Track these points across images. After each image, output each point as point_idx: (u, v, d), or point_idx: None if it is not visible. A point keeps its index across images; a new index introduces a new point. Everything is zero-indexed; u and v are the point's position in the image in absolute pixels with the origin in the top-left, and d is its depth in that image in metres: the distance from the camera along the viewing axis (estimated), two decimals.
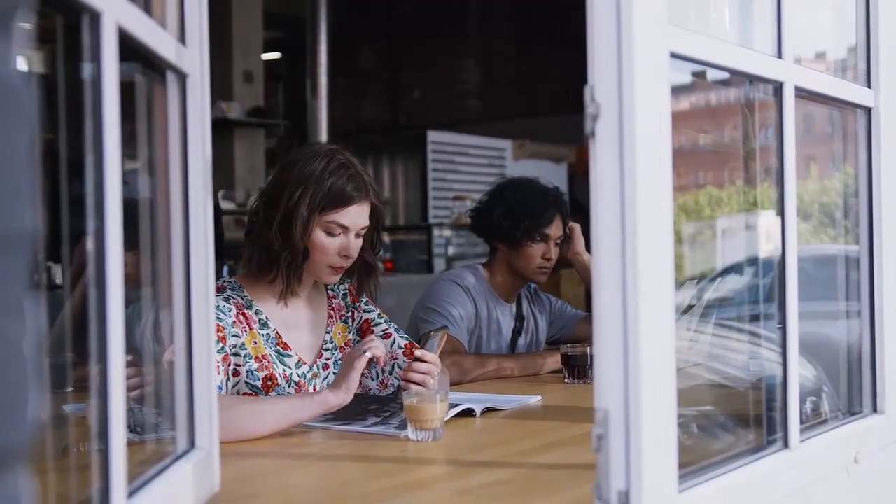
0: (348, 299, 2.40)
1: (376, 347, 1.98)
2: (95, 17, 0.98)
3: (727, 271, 2.62)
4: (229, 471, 1.47)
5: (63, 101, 1.06)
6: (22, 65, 0.59)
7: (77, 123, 1.02)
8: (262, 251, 2.18)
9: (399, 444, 1.83)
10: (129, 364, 1.36)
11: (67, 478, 1.15)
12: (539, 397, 2.34)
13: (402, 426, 1.90)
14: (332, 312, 2.36)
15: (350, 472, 1.68)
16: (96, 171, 0.99)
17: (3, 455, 0.55)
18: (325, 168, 2.15)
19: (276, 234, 2.14)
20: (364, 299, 2.43)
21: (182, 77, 1.32)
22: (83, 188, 1.01)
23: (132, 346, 1.14)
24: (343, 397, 1.92)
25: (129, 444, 1.05)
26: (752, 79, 1.53)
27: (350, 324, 2.39)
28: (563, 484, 1.55)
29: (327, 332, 2.33)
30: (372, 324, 2.39)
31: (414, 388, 2.08)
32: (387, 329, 2.38)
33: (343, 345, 2.35)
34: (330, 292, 2.39)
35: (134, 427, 1.30)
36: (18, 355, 0.56)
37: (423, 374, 2.12)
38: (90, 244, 0.99)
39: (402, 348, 2.33)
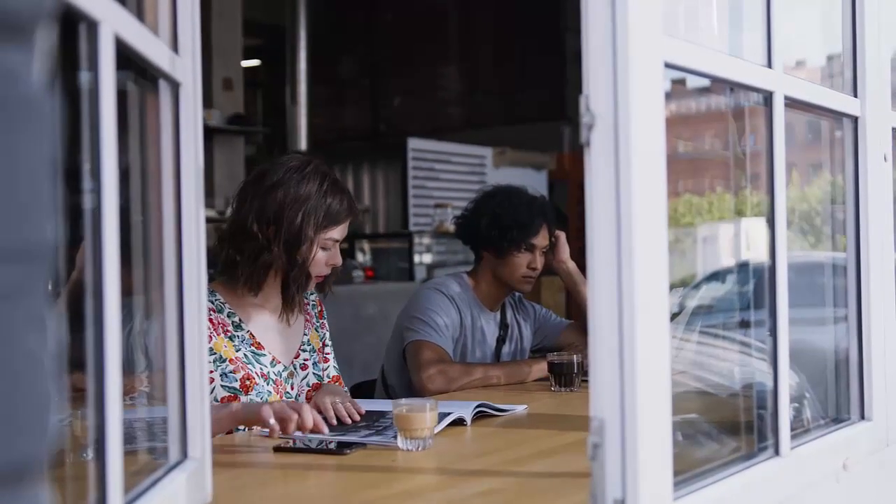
0: (316, 311, 2.48)
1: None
2: (93, 26, 0.97)
3: (709, 279, 2.63)
4: (221, 481, 1.47)
5: (57, 108, 1.05)
6: (43, 75, 0.59)
7: (72, 131, 1.01)
8: (262, 269, 2.23)
9: (389, 454, 1.82)
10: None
11: (62, 488, 1.14)
12: (525, 406, 2.35)
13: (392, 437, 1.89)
14: (307, 316, 2.43)
15: (341, 482, 1.67)
16: (94, 179, 0.98)
17: (27, 467, 0.55)
18: (321, 188, 2.24)
19: (281, 255, 2.21)
20: (324, 319, 2.51)
21: (175, 86, 1.32)
22: (78, 197, 1.00)
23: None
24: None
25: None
26: (744, 88, 1.54)
27: (319, 332, 2.47)
28: (556, 492, 1.55)
29: (305, 334, 2.40)
30: (325, 343, 2.48)
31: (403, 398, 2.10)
32: (329, 354, 2.48)
33: (317, 349, 2.43)
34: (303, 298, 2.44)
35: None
36: (40, 368, 0.56)
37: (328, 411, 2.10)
38: (87, 253, 0.98)
39: (330, 378, 2.42)
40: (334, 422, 2.07)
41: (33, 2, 0.57)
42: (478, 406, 2.17)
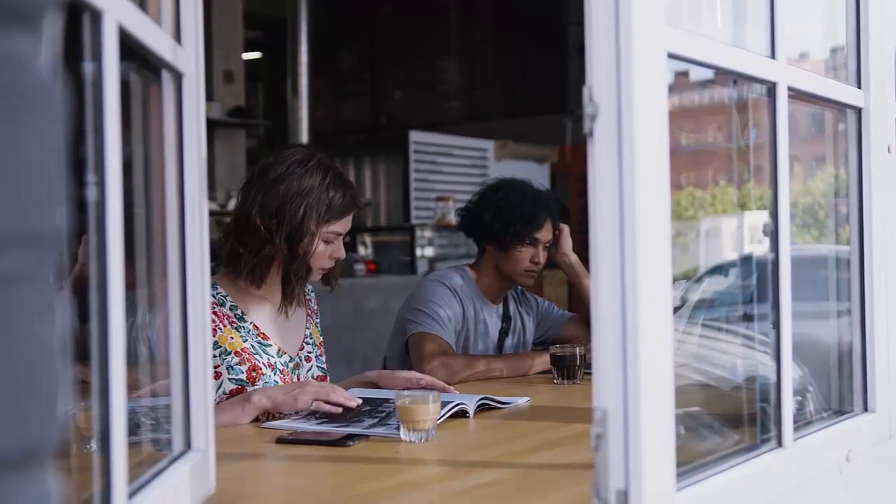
0: (315, 308, 2.51)
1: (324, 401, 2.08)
2: (96, 16, 0.97)
3: (712, 272, 2.63)
4: (224, 472, 1.47)
5: (66, 96, 1.05)
6: (51, 63, 0.59)
7: (75, 122, 1.01)
8: (264, 262, 2.24)
9: (392, 446, 1.82)
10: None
11: (66, 479, 1.14)
12: (528, 398, 2.35)
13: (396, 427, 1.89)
14: (309, 311, 2.46)
15: (344, 473, 1.67)
16: (97, 171, 0.98)
17: (36, 453, 0.55)
18: (324, 181, 2.25)
19: (283, 247, 2.22)
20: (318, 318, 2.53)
21: (178, 76, 1.31)
22: (81, 189, 1.00)
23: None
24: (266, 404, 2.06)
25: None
26: (747, 79, 1.54)
27: (318, 328, 2.49)
28: (559, 483, 1.56)
29: (307, 328, 2.42)
30: (320, 336, 2.50)
31: (405, 389, 2.11)
32: (321, 353, 2.48)
33: (318, 344, 2.45)
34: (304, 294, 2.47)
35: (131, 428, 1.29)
36: (49, 354, 0.56)
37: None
38: (91, 246, 0.98)
39: (314, 378, 2.41)
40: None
41: None
42: (481, 399, 2.17)
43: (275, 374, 2.25)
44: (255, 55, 10.42)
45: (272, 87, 10.32)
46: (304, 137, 8.85)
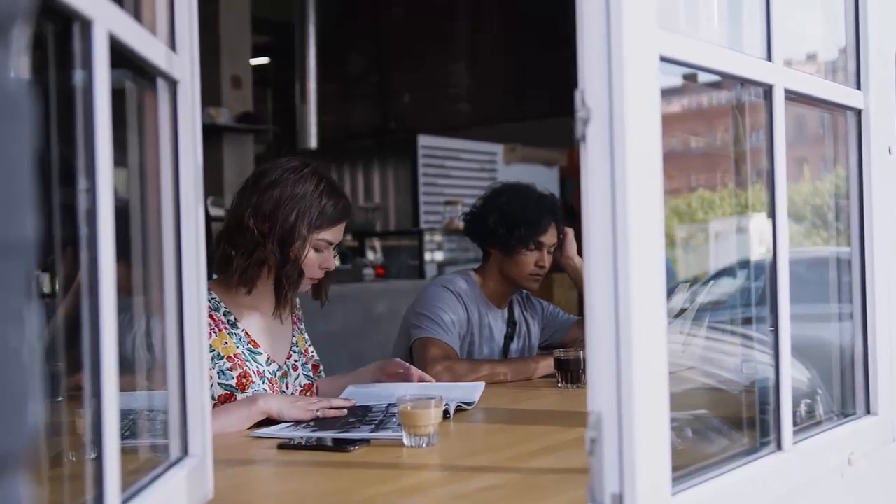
0: (300, 314, 2.52)
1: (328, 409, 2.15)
2: (86, 25, 0.97)
3: (720, 274, 2.62)
4: (222, 478, 1.47)
5: (53, 108, 1.05)
6: (21, 73, 0.59)
7: (67, 131, 1.02)
8: (255, 265, 2.26)
9: (394, 450, 1.82)
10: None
11: (60, 486, 1.15)
12: (482, 384, 2.39)
13: (400, 429, 1.89)
14: (295, 320, 2.47)
15: (345, 478, 1.67)
16: (88, 178, 0.99)
17: (3, 461, 0.55)
18: (317, 189, 2.27)
19: (274, 251, 2.24)
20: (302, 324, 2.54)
21: (173, 84, 1.32)
22: (73, 196, 1.01)
23: (123, 355, 1.14)
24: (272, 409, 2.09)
25: (122, 451, 1.04)
26: (742, 81, 1.54)
27: (304, 336, 2.50)
28: (558, 488, 1.55)
29: (293, 336, 2.44)
30: (307, 349, 2.51)
31: (408, 395, 2.12)
32: (306, 361, 2.48)
33: (303, 351, 2.46)
34: None
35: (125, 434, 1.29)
36: (19, 362, 0.57)
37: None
38: (82, 253, 0.99)
39: (301, 386, 2.42)
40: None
41: (9, 1, 0.57)
42: (458, 402, 2.22)
43: (263, 382, 2.27)
44: (263, 60, 10.43)
45: (280, 92, 10.33)
46: (313, 142, 8.86)
